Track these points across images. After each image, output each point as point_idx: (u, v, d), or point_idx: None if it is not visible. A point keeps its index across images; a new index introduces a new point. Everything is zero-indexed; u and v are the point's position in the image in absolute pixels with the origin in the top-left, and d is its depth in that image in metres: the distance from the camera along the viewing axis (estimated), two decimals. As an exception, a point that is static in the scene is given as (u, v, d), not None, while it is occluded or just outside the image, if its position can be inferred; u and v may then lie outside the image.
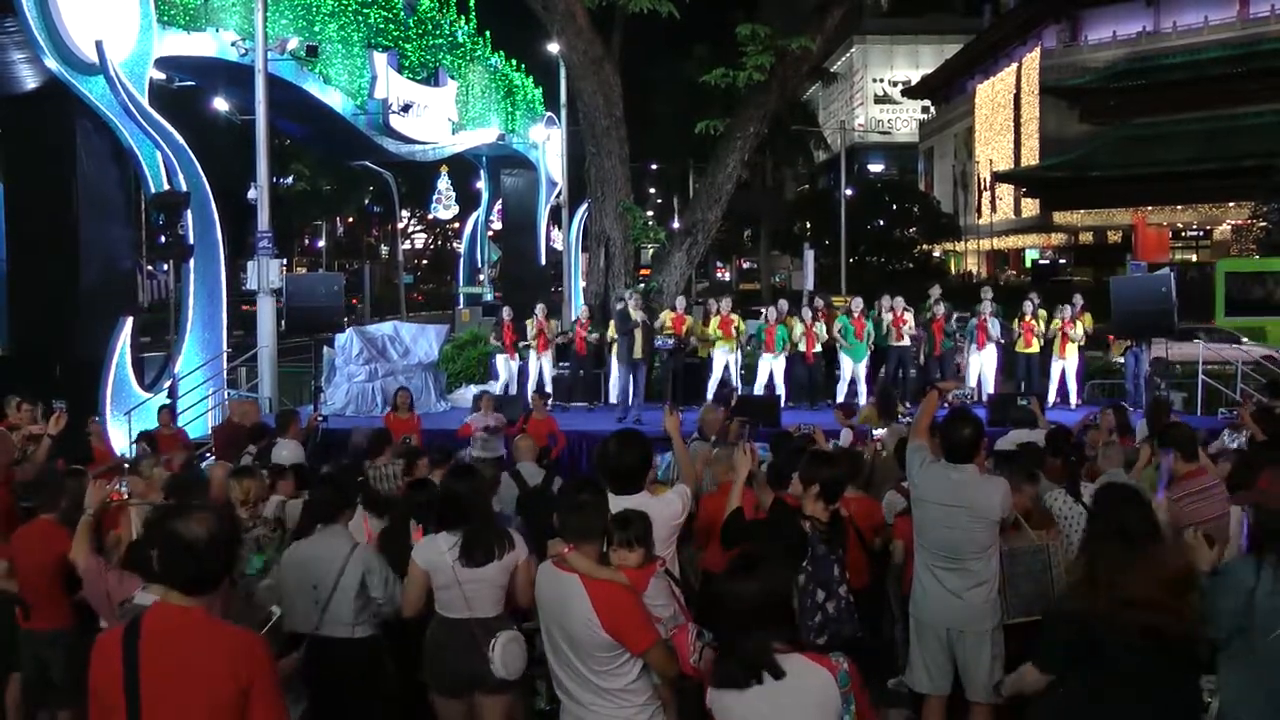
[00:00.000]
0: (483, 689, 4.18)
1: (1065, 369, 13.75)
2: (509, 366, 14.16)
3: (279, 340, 14.53)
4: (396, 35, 21.11)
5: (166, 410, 10.91)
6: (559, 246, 29.29)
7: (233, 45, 15.01)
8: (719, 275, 69.46)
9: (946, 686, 4.61)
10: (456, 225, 42.39)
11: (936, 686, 4.62)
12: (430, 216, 50.56)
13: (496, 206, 32.35)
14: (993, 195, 54.89)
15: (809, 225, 50.65)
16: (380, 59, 20.13)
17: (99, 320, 12.31)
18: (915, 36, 71.42)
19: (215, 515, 2.75)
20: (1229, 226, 45.22)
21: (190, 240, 13.10)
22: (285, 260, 36.48)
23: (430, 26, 22.68)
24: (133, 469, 6.42)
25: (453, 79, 23.57)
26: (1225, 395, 13.53)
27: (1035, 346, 13.78)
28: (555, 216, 28.40)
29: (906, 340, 13.94)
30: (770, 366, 13.90)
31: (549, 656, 3.53)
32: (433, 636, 4.29)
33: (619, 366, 13.38)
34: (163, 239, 13.08)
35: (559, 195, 26.08)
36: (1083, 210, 48.81)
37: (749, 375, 14.33)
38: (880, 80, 73.39)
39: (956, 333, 14.22)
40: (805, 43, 14.80)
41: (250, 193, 21.80)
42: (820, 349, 14.04)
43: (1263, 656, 3.21)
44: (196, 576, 2.65)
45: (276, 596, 4.42)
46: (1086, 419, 8.91)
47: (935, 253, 54.42)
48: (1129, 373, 13.86)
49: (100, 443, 9.60)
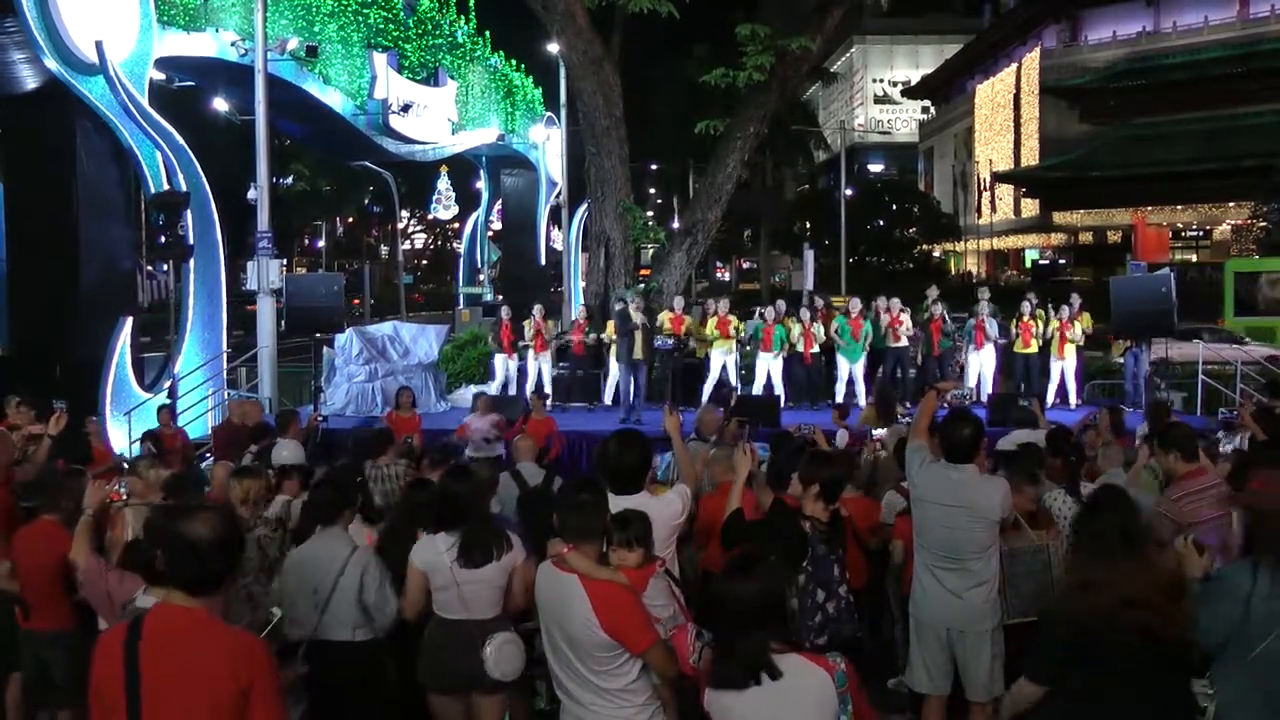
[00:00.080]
0: (480, 689, 4.19)
1: (1064, 369, 13.77)
2: (507, 366, 14.19)
3: (279, 340, 14.54)
4: (396, 35, 21.10)
5: (166, 410, 10.93)
6: (559, 246, 29.29)
7: (232, 45, 15.01)
8: (719, 275, 69.53)
9: (946, 687, 4.62)
10: (456, 225, 42.31)
11: (936, 687, 4.62)
12: (430, 216, 50.51)
13: (496, 207, 32.29)
14: (992, 195, 54.88)
15: (809, 225, 50.68)
16: (380, 59, 20.14)
17: (99, 320, 12.31)
18: (915, 36, 71.48)
19: (219, 516, 2.76)
20: (1229, 226, 45.26)
21: (190, 240, 13.11)
22: (285, 260, 36.52)
23: (430, 26, 22.67)
24: (131, 469, 6.41)
25: (452, 79, 23.57)
26: (1225, 395, 13.55)
27: (1034, 347, 13.81)
28: (555, 216, 28.39)
29: (904, 341, 13.95)
30: (768, 366, 13.92)
31: (549, 657, 3.53)
32: (431, 637, 4.30)
33: (619, 367, 13.39)
34: (163, 239, 13.09)
35: (559, 195, 26.07)
36: (1082, 210, 48.86)
37: (748, 375, 14.35)
38: (880, 80, 73.43)
39: (955, 333, 14.23)
40: (805, 43, 14.81)
41: (250, 193, 21.80)
42: (819, 349, 14.06)
43: (1260, 660, 3.20)
44: (200, 577, 2.66)
45: (277, 599, 4.42)
46: (1086, 419, 8.92)
47: (935, 253, 54.46)
48: (1128, 373, 13.87)
49: (99, 442, 9.61)
